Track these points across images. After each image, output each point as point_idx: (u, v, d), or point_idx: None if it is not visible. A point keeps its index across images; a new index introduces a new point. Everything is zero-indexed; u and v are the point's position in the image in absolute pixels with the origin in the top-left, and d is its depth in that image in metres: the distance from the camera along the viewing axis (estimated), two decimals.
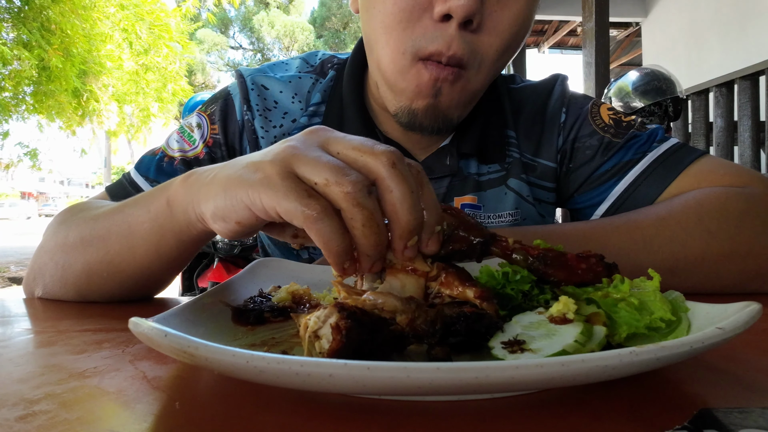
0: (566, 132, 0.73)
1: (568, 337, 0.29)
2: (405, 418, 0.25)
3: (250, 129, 0.72)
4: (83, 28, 5.17)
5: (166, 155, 0.72)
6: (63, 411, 0.26)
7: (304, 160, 0.36)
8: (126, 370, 0.33)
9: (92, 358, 0.36)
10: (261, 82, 0.74)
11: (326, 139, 0.38)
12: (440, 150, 0.71)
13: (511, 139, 0.74)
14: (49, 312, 0.55)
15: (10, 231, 11.93)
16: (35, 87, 5.13)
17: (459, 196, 0.71)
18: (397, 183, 0.35)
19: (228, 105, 0.73)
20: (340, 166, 0.35)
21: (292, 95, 0.74)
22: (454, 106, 0.63)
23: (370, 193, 0.35)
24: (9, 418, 0.25)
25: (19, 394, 0.29)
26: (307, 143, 0.37)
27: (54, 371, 0.33)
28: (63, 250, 0.57)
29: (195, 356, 0.25)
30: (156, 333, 0.27)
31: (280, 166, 0.36)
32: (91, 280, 0.56)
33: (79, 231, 0.56)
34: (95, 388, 0.30)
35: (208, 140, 0.72)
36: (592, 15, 3.16)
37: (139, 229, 0.51)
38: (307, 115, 0.73)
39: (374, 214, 0.34)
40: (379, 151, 0.36)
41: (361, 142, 0.37)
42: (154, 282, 0.58)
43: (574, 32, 6.47)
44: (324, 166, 0.35)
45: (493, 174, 0.72)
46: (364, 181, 0.35)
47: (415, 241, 0.36)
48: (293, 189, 0.35)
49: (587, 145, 0.71)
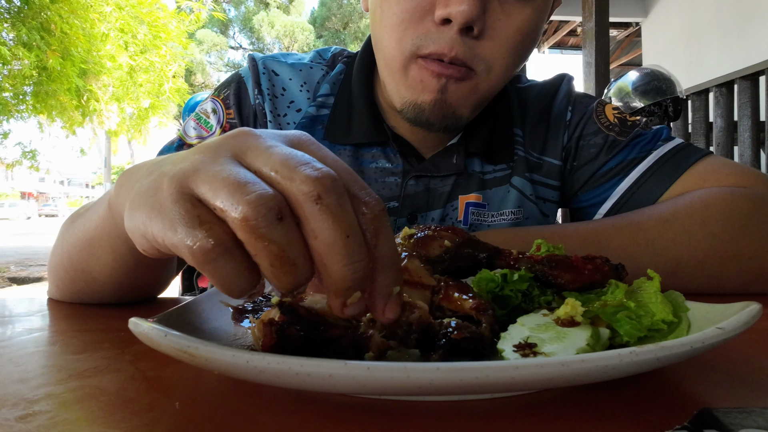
0: (571, 130, 0.73)
1: (580, 341, 0.29)
2: (405, 418, 0.25)
3: (262, 113, 0.72)
4: (82, 28, 5.17)
5: (185, 143, 0.71)
6: (63, 411, 0.26)
7: (203, 175, 0.27)
8: (126, 370, 0.33)
9: (92, 358, 0.36)
10: (272, 68, 0.74)
11: (245, 147, 0.29)
12: (448, 148, 0.71)
13: (518, 138, 0.74)
14: (49, 312, 0.55)
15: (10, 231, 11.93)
16: (35, 87, 5.13)
17: (464, 194, 0.71)
18: (324, 225, 0.26)
19: (241, 89, 0.73)
20: (239, 183, 0.26)
21: (301, 83, 0.74)
22: (463, 104, 0.62)
23: (281, 219, 0.26)
24: (9, 418, 0.25)
25: (19, 394, 0.29)
26: (219, 151, 0.29)
27: (54, 371, 0.33)
28: (56, 255, 0.58)
29: (195, 356, 0.25)
30: (156, 333, 0.27)
31: (176, 185, 0.27)
32: (76, 287, 0.56)
33: (65, 238, 0.57)
34: (95, 388, 0.30)
35: (224, 125, 0.71)
36: (592, 15, 3.16)
37: (92, 235, 0.48)
38: (315, 105, 0.73)
39: (285, 249, 0.26)
40: (303, 176, 0.26)
41: (285, 157, 0.27)
42: (138, 289, 0.57)
43: (574, 32, 6.47)
44: (221, 183, 0.26)
45: (498, 172, 0.72)
46: (270, 201, 0.25)
47: (358, 297, 0.27)
48: (181, 217, 0.26)
49: (592, 143, 0.71)
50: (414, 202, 0.70)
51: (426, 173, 0.70)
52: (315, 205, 0.26)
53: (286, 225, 0.26)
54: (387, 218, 0.29)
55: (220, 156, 0.28)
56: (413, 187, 0.70)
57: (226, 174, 0.26)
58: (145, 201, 0.29)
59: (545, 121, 0.74)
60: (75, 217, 0.58)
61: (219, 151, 0.29)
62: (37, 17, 4.84)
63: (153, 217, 0.28)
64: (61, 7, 4.91)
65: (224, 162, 0.28)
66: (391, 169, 0.70)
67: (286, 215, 0.26)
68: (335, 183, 0.27)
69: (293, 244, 0.26)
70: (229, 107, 0.72)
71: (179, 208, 0.27)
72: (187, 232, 0.26)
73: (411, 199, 0.70)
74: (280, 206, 0.26)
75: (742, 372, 0.32)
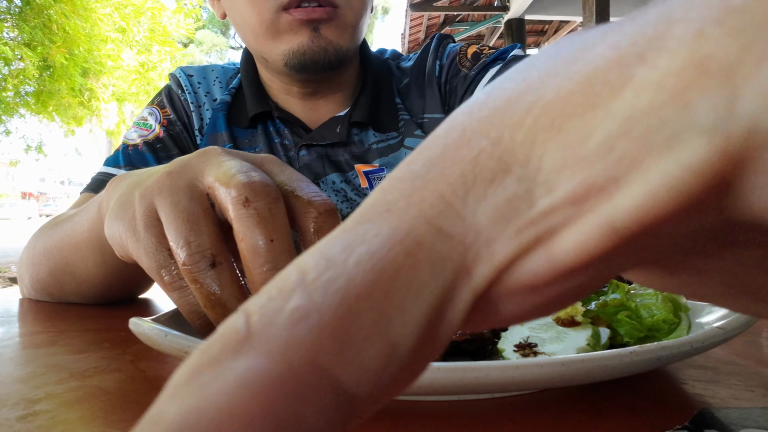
0: (441, 82, 0.76)
1: (580, 341, 0.29)
2: (405, 418, 0.25)
3: (188, 106, 0.77)
4: (84, 27, 5.17)
5: (129, 145, 0.74)
6: (63, 411, 0.26)
7: (163, 205, 0.30)
8: (126, 370, 0.33)
9: (92, 357, 0.36)
10: (188, 72, 0.81)
11: (206, 168, 0.31)
12: (333, 119, 0.74)
13: (399, 105, 0.77)
14: (48, 311, 0.55)
15: (11, 231, 11.95)
16: (37, 86, 5.14)
17: (361, 164, 0.74)
18: (246, 229, 0.27)
19: (171, 91, 0.79)
20: (184, 224, 0.28)
21: (214, 78, 0.80)
22: (340, 37, 0.65)
23: (214, 266, 0.28)
24: (9, 418, 0.25)
25: (19, 394, 0.29)
26: (182, 173, 0.31)
27: (54, 371, 0.33)
28: (31, 261, 0.58)
29: None
30: (156, 333, 0.27)
31: (145, 209, 0.30)
32: (63, 288, 0.56)
33: (43, 242, 0.56)
34: (95, 387, 0.30)
35: (162, 121, 0.76)
36: (593, 15, 3.16)
37: (81, 238, 0.48)
38: (228, 93, 0.78)
39: (215, 292, 0.28)
40: (235, 182, 0.28)
41: (229, 168, 0.29)
42: (128, 288, 0.57)
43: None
44: (172, 223, 0.29)
45: (391, 140, 0.75)
46: (207, 249, 0.28)
47: None
48: (153, 247, 0.30)
49: (455, 86, 0.74)
50: (312, 170, 0.73)
51: (312, 142, 0.73)
52: (242, 209, 0.27)
53: (219, 271, 0.28)
54: (335, 218, 0.30)
55: (181, 179, 0.30)
56: (306, 156, 0.74)
57: (177, 212, 0.29)
58: (122, 214, 0.32)
59: (421, 83, 0.77)
60: (55, 222, 0.58)
61: (183, 171, 0.31)
62: (39, 16, 4.85)
63: (129, 236, 0.31)
64: (63, 7, 4.92)
65: (180, 191, 0.30)
66: (287, 145, 0.75)
67: (220, 261, 0.28)
68: (266, 188, 0.28)
69: (225, 288, 0.28)
70: (164, 107, 0.77)
71: (150, 238, 0.30)
72: (156, 264, 0.30)
73: (308, 167, 0.74)
74: (215, 253, 0.28)
75: (742, 372, 0.32)
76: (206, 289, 0.28)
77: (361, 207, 0.09)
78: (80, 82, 5.29)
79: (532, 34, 6.72)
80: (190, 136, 0.76)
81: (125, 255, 0.33)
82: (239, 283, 0.29)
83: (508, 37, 5.26)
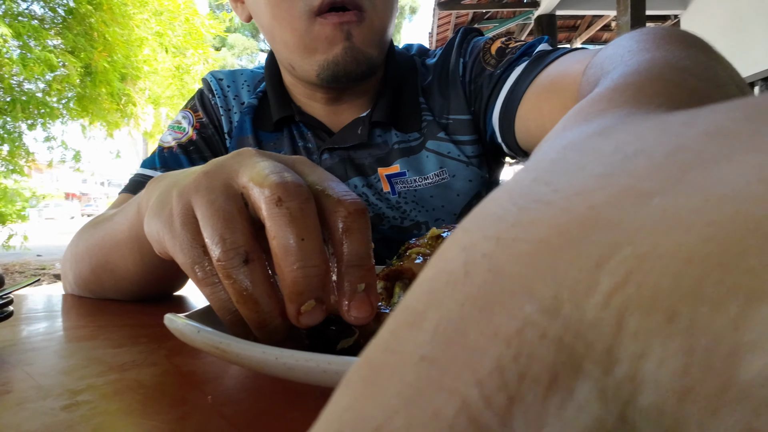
0: (466, 81, 0.72)
1: None
2: None
3: (218, 109, 0.79)
4: (122, 34, 5.37)
5: (164, 148, 0.76)
6: (104, 402, 0.28)
7: (199, 203, 0.30)
8: (162, 364, 0.34)
9: (130, 352, 0.37)
10: (218, 76, 0.83)
11: (240, 168, 0.31)
12: (354, 121, 0.73)
13: (423, 105, 0.75)
14: (90, 307, 0.57)
15: (56, 230, 12.52)
16: (79, 92, 5.36)
17: (383, 167, 0.72)
18: (279, 227, 0.27)
19: (203, 95, 0.81)
20: (220, 222, 0.29)
21: (243, 82, 0.82)
22: (369, 44, 0.64)
23: (248, 262, 0.28)
24: (54, 407, 0.27)
25: (63, 385, 0.30)
26: (218, 173, 0.31)
27: (95, 364, 0.34)
28: (74, 259, 0.60)
29: (227, 352, 0.26)
30: (190, 329, 0.28)
31: (182, 207, 0.31)
32: (103, 285, 0.58)
33: (85, 240, 0.58)
34: (133, 380, 0.31)
35: (195, 125, 0.78)
36: (627, 9, 3.06)
37: (121, 237, 0.50)
38: (255, 97, 0.79)
39: (248, 288, 0.28)
40: (269, 182, 0.28)
41: (263, 168, 0.30)
42: (163, 285, 0.59)
43: (608, 27, 6.29)
44: (208, 221, 0.29)
45: (413, 142, 0.73)
46: (240, 246, 0.28)
47: (312, 305, 0.27)
48: (189, 243, 0.30)
49: (480, 85, 0.69)
50: (334, 173, 0.72)
51: (334, 145, 0.73)
52: (275, 208, 0.28)
53: (251, 267, 0.28)
54: (364, 218, 0.30)
55: (217, 179, 0.31)
56: (328, 160, 0.73)
57: (213, 211, 0.29)
58: (160, 212, 0.33)
59: (444, 81, 0.74)
60: (97, 222, 0.60)
61: (219, 172, 0.31)
62: (82, 24, 5.07)
63: (166, 233, 0.32)
64: (103, 15, 5.12)
65: (216, 190, 0.30)
66: (311, 148, 0.74)
67: (253, 259, 0.29)
68: (298, 189, 0.29)
69: (257, 285, 0.28)
70: (196, 110, 0.80)
71: (186, 234, 0.30)
72: (191, 260, 0.30)
73: (330, 171, 0.72)
74: (248, 251, 0.29)
75: None
76: (238, 285, 0.28)
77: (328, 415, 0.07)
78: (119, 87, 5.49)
79: (563, 29, 6.57)
80: (221, 138, 0.78)
81: (163, 251, 0.34)
82: (270, 280, 0.29)
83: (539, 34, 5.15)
